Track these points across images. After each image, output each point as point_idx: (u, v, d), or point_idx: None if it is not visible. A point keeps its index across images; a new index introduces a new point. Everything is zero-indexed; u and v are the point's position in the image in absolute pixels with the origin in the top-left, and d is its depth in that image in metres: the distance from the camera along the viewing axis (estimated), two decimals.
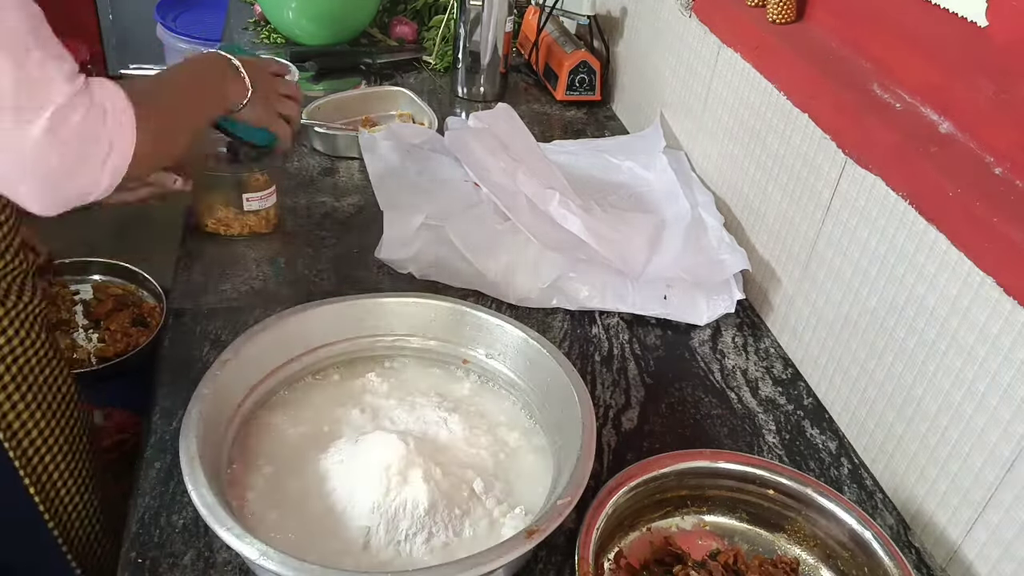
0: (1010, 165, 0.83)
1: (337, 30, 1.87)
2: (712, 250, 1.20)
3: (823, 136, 1.05)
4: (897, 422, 0.94)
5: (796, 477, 0.87)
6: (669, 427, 1.01)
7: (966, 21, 0.87)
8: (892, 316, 0.94)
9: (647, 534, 0.87)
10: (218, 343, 1.03)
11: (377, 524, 0.78)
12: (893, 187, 0.92)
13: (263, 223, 1.24)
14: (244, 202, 1.20)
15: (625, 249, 1.17)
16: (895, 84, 0.99)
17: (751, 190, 1.24)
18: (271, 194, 1.23)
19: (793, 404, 1.07)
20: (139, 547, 0.79)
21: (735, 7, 1.26)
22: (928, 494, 0.90)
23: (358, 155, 1.44)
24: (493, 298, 1.16)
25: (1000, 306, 0.79)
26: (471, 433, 0.89)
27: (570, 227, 1.17)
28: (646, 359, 1.11)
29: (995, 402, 0.81)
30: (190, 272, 1.16)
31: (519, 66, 1.95)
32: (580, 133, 1.68)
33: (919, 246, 0.89)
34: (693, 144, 1.44)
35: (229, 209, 1.21)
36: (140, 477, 0.86)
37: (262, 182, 1.20)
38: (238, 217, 1.22)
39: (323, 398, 0.93)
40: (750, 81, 1.22)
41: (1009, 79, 0.82)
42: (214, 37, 2.99)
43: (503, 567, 0.69)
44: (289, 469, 0.84)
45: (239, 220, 1.23)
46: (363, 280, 1.18)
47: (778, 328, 1.18)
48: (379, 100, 1.63)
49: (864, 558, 0.81)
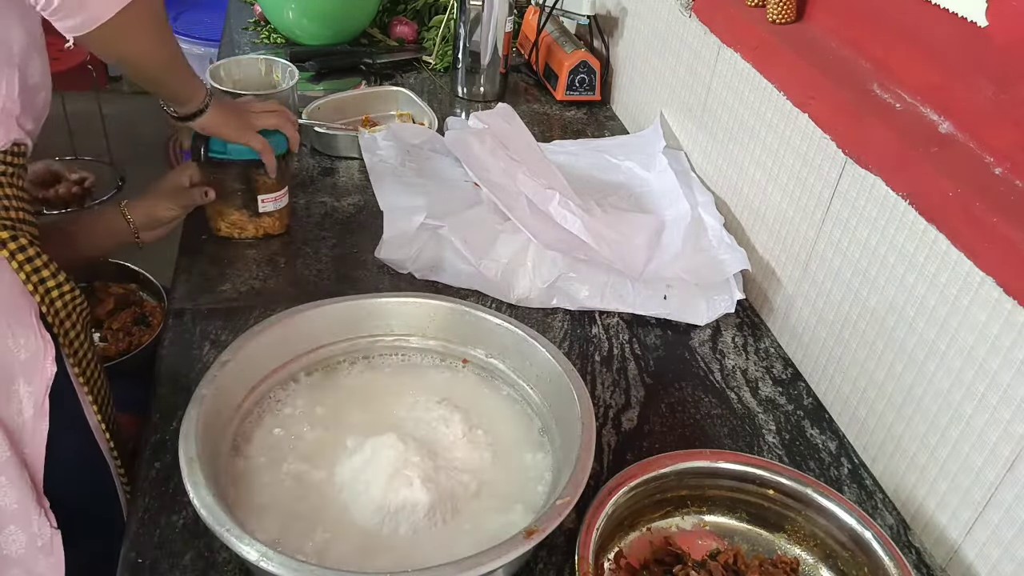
0: (1010, 165, 0.83)
1: (337, 30, 1.87)
2: (712, 250, 1.20)
3: (823, 136, 1.05)
4: (897, 422, 0.94)
5: (796, 477, 0.86)
6: (669, 427, 1.01)
7: (966, 21, 0.87)
8: (892, 316, 0.94)
9: (647, 534, 0.87)
10: (218, 343, 1.03)
11: (377, 524, 0.78)
12: (893, 187, 0.92)
13: (277, 224, 1.25)
14: (259, 204, 1.21)
15: (625, 249, 1.17)
16: (895, 84, 0.99)
17: (751, 190, 1.24)
18: (284, 195, 1.23)
19: (793, 404, 1.07)
20: (139, 547, 0.79)
21: (735, 7, 1.26)
22: (928, 494, 0.90)
23: (358, 155, 1.44)
24: (493, 298, 1.16)
25: (1000, 306, 0.79)
26: (471, 433, 0.89)
27: (570, 227, 1.17)
28: (646, 359, 1.11)
29: (995, 402, 0.81)
30: (190, 272, 1.16)
31: (519, 66, 1.95)
32: (580, 133, 1.68)
33: (919, 246, 0.89)
34: (693, 144, 1.44)
35: (243, 212, 1.22)
36: (140, 477, 0.86)
37: (275, 184, 1.20)
38: (252, 220, 1.22)
39: (323, 398, 0.93)
40: (750, 81, 1.22)
41: (1009, 79, 0.82)
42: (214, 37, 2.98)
43: (502, 567, 0.69)
44: (289, 470, 0.84)
45: (254, 223, 1.23)
46: (363, 280, 1.18)
47: (778, 328, 1.18)
48: (379, 100, 1.64)
49: (864, 558, 0.81)
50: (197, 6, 3.22)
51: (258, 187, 1.20)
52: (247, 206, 1.21)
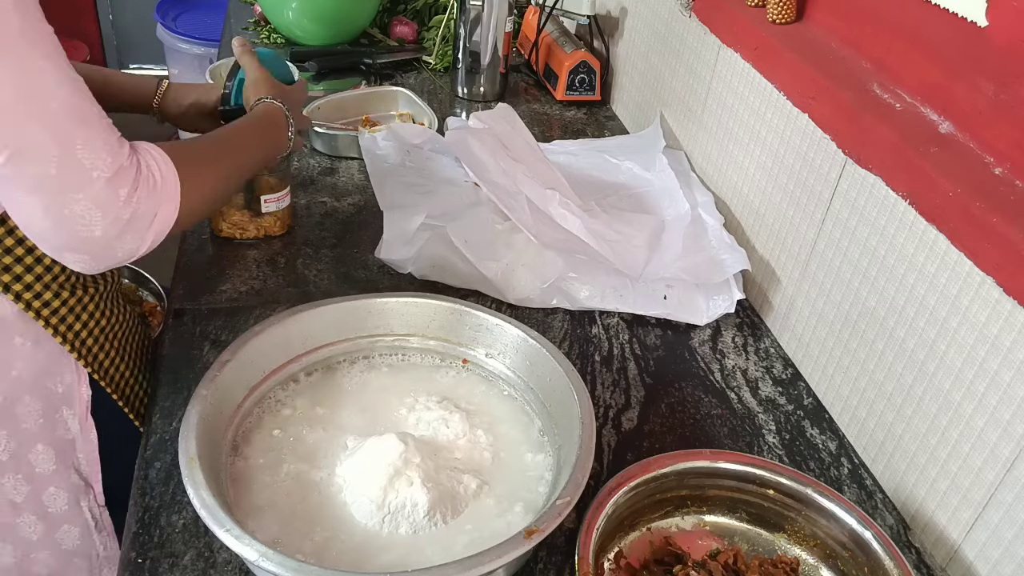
0: (1010, 165, 0.83)
1: (337, 30, 1.87)
2: (712, 250, 1.20)
3: (823, 136, 1.05)
4: (897, 422, 0.94)
5: (796, 477, 0.86)
6: (669, 427, 1.01)
7: (966, 21, 0.87)
8: (892, 316, 0.94)
9: (647, 534, 0.87)
10: (218, 343, 1.03)
11: (377, 524, 0.78)
12: (893, 187, 0.92)
13: (278, 225, 1.25)
14: (262, 204, 1.20)
15: (625, 249, 1.17)
16: (895, 84, 0.99)
17: (751, 190, 1.24)
18: (286, 195, 1.23)
19: (793, 404, 1.07)
20: (139, 547, 0.79)
21: (735, 7, 1.26)
22: (928, 494, 0.90)
23: (358, 155, 1.44)
24: (493, 298, 1.16)
25: (1000, 306, 0.79)
26: (471, 433, 0.89)
27: (570, 227, 1.17)
28: (646, 359, 1.11)
29: (995, 402, 0.81)
30: (190, 272, 1.16)
31: (519, 66, 1.95)
32: (580, 133, 1.68)
33: (919, 246, 0.89)
34: (693, 144, 1.44)
35: (244, 213, 1.21)
36: (140, 477, 0.86)
37: (277, 184, 1.20)
38: (254, 220, 1.22)
39: (323, 399, 0.93)
40: (750, 81, 1.22)
41: (1009, 79, 0.82)
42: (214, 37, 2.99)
43: (503, 567, 0.69)
44: (289, 470, 0.84)
45: (255, 223, 1.23)
46: (363, 280, 1.18)
47: (778, 328, 1.18)
48: (379, 100, 1.64)
49: (864, 558, 0.81)
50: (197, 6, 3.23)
51: (260, 187, 1.19)
52: (249, 206, 1.21)
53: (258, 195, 1.20)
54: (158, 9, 3.15)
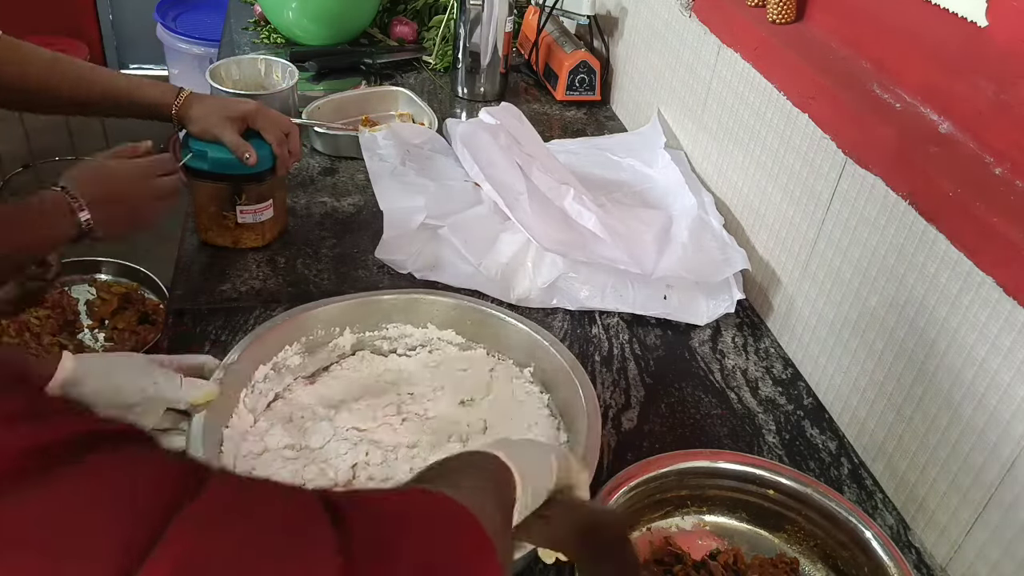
0: (1010, 165, 0.83)
1: (337, 30, 1.87)
2: (712, 250, 1.20)
3: (823, 136, 1.05)
4: (897, 422, 0.94)
5: (796, 477, 0.87)
6: (669, 427, 1.01)
7: (966, 21, 0.87)
8: (892, 316, 0.94)
9: (647, 534, 0.87)
10: (218, 343, 1.03)
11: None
12: (893, 187, 0.92)
13: (258, 239, 1.20)
14: (237, 214, 1.16)
15: (637, 245, 1.17)
16: (895, 84, 0.99)
17: (751, 190, 1.24)
18: (268, 208, 1.18)
19: (793, 404, 1.07)
20: None
21: (735, 7, 1.26)
22: (928, 494, 0.90)
23: (358, 155, 1.44)
24: (493, 298, 1.16)
25: (1000, 306, 0.79)
26: (475, 427, 0.89)
27: (585, 223, 1.16)
28: (646, 359, 1.11)
29: (995, 402, 0.81)
30: (190, 272, 1.16)
31: (519, 66, 1.95)
32: (580, 133, 1.68)
33: (919, 246, 0.89)
34: (693, 144, 1.44)
35: (225, 219, 1.17)
36: None
37: (255, 195, 1.16)
38: (230, 228, 1.18)
39: (323, 399, 0.93)
40: (750, 81, 1.22)
41: (1009, 79, 0.82)
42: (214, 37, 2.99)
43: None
44: (290, 470, 0.84)
45: (232, 234, 1.19)
46: (363, 280, 1.18)
47: (778, 328, 1.18)
48: (379, 100, 1.63)
49: (864, 558, 0.81)
50: (197, 6, 3.23)
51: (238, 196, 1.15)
52: (228, 213, 1.16)
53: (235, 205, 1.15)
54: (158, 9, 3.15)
